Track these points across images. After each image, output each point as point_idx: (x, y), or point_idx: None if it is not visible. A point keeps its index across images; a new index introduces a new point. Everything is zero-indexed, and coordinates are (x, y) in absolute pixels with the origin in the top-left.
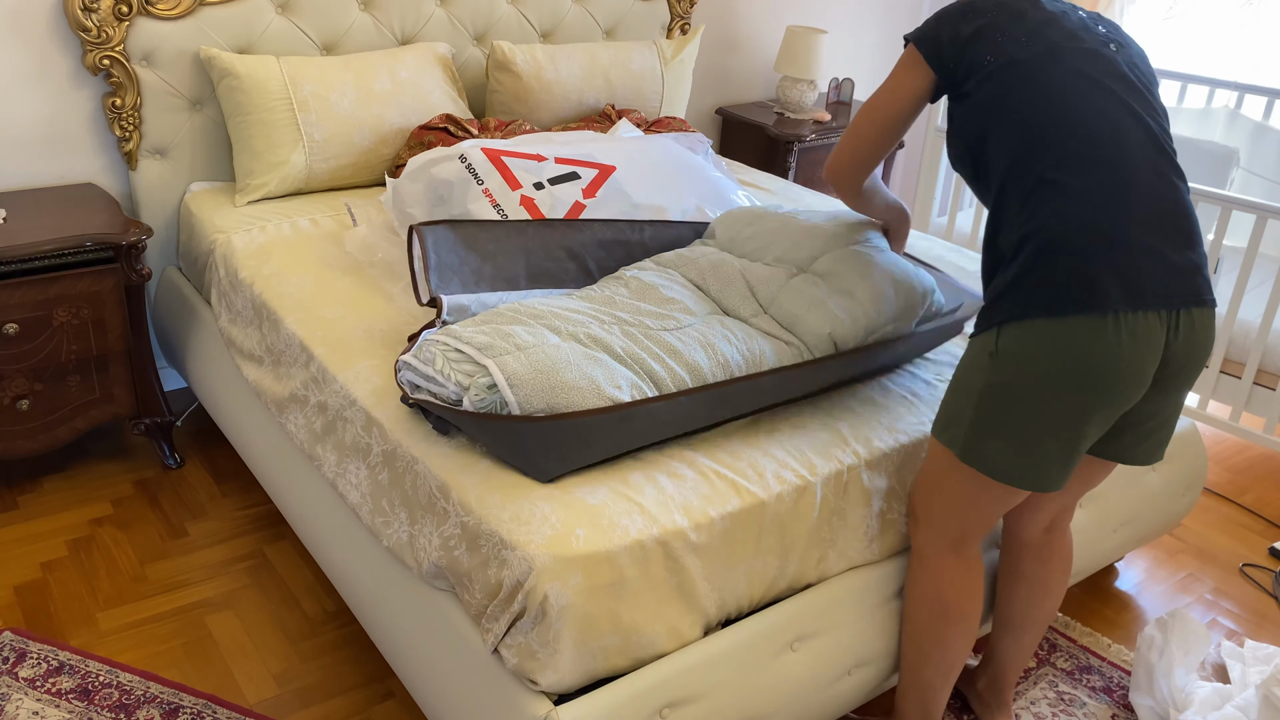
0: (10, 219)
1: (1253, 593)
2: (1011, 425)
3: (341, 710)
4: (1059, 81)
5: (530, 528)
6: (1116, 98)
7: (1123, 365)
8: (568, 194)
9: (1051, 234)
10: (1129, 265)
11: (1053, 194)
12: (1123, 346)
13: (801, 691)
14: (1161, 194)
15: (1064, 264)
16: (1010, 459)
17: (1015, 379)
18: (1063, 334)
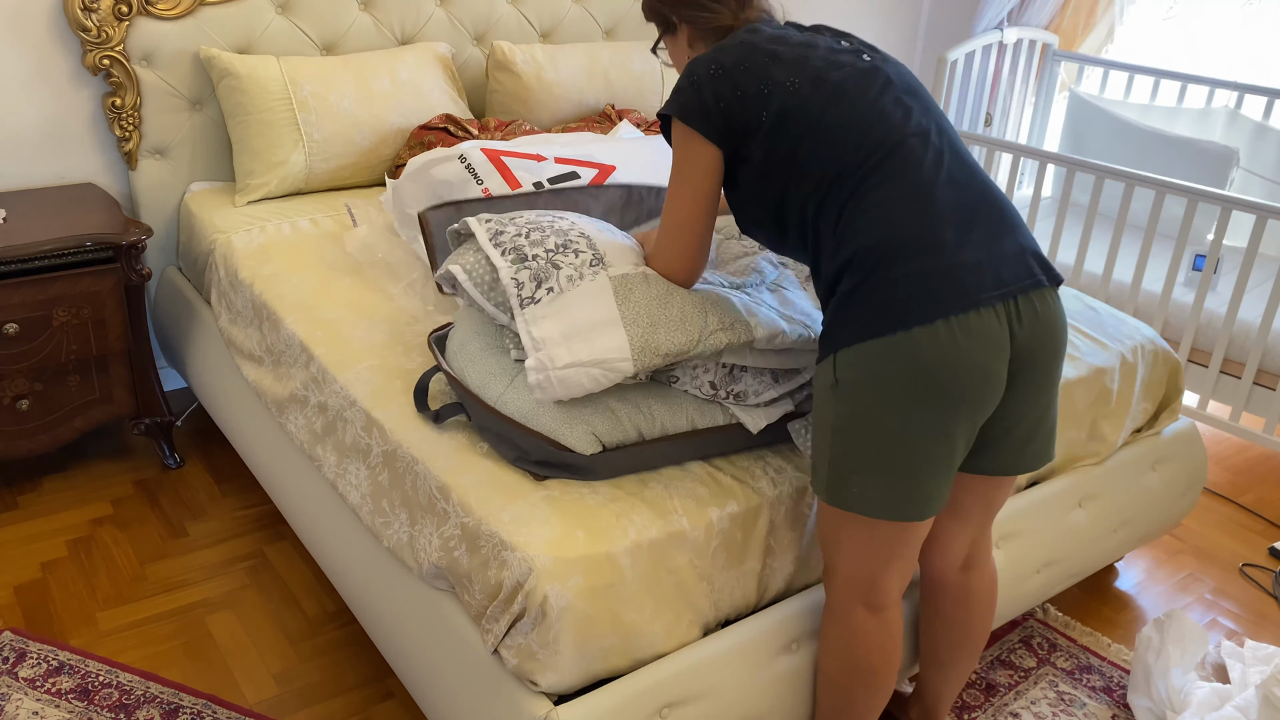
0: (10, 219)
1: (1253, 593)
2: (869, 455)
3: (341, 710)
4: (840, 110)
5: (530, 529)
6: (892, 111)
7: (966, 369)
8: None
9: (864, 254)
10: (948, 267)
11: (856, 217)
12: (961, 350)
13: (800, 692)
14: (961, 188)
15: (882, 280)
16: (878, 492)
17: (860, 406)
18: (897, 349)
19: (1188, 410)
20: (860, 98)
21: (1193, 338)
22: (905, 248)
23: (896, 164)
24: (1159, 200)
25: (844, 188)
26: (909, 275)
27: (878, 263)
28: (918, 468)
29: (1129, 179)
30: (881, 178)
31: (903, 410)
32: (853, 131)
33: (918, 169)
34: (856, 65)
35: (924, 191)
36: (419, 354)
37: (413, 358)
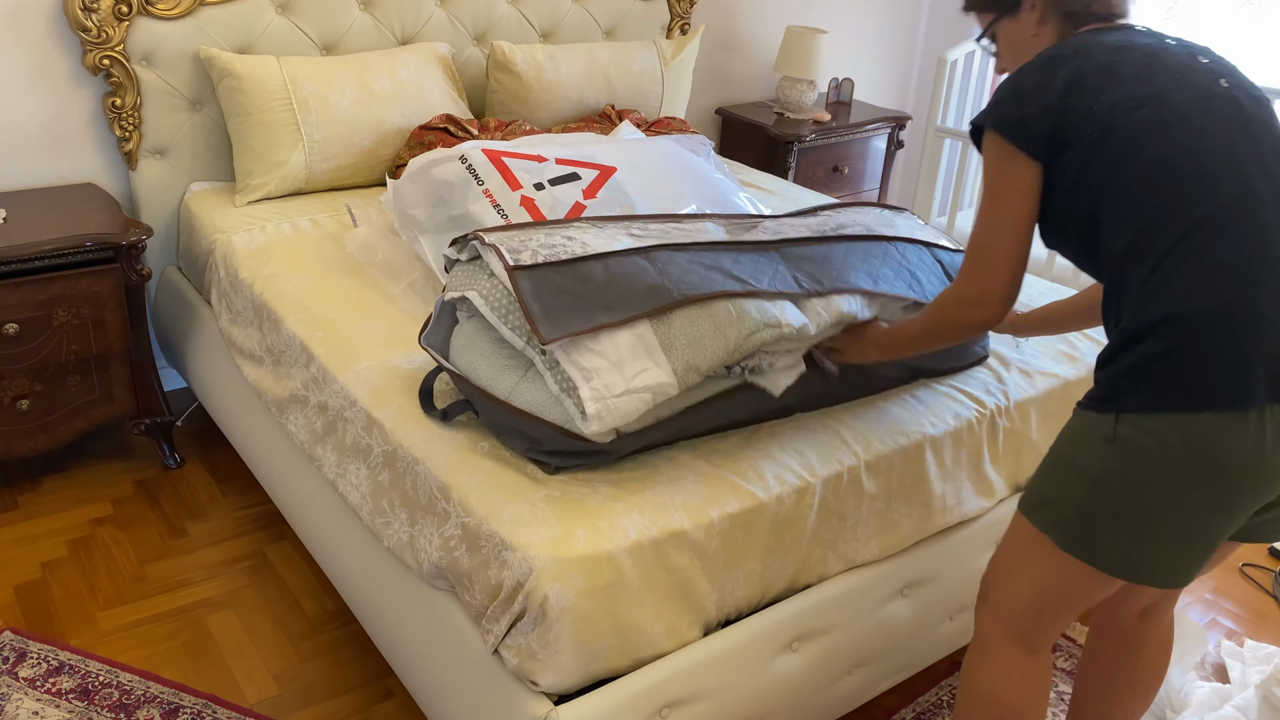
0: (10, 219)
1: (1253, 593)
2: (1132, 519)
3: (341, 710)
4: (1174, 141)
5: (530, 529)
6: (1239, 150)
7: (1264, 465)
8: (568, 195)
9: (1184, 316)
10: (1271, 351)
11: (1183, 271)
12: (1265, 445)
13: (801, 691)
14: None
15: (1199, 351)
16: (1129, 553)
17: (1137, 471)
18: (1196, 430)
19: None
20: (1206, 131)
21: None
22: (1231, 322)
23: (1235, 217)
24: None
25: (1165, 234)
26: (1227, 353)
27: (1197, 331)
28: (1178, 544)
29: None
30: (1214, 229)
31: (1183, 491)
32: (1189, 166)
33: (1261, 231)
34: (1210, 89)
35: (1264, 260)
36: (419, 354)
37: (413, 358)
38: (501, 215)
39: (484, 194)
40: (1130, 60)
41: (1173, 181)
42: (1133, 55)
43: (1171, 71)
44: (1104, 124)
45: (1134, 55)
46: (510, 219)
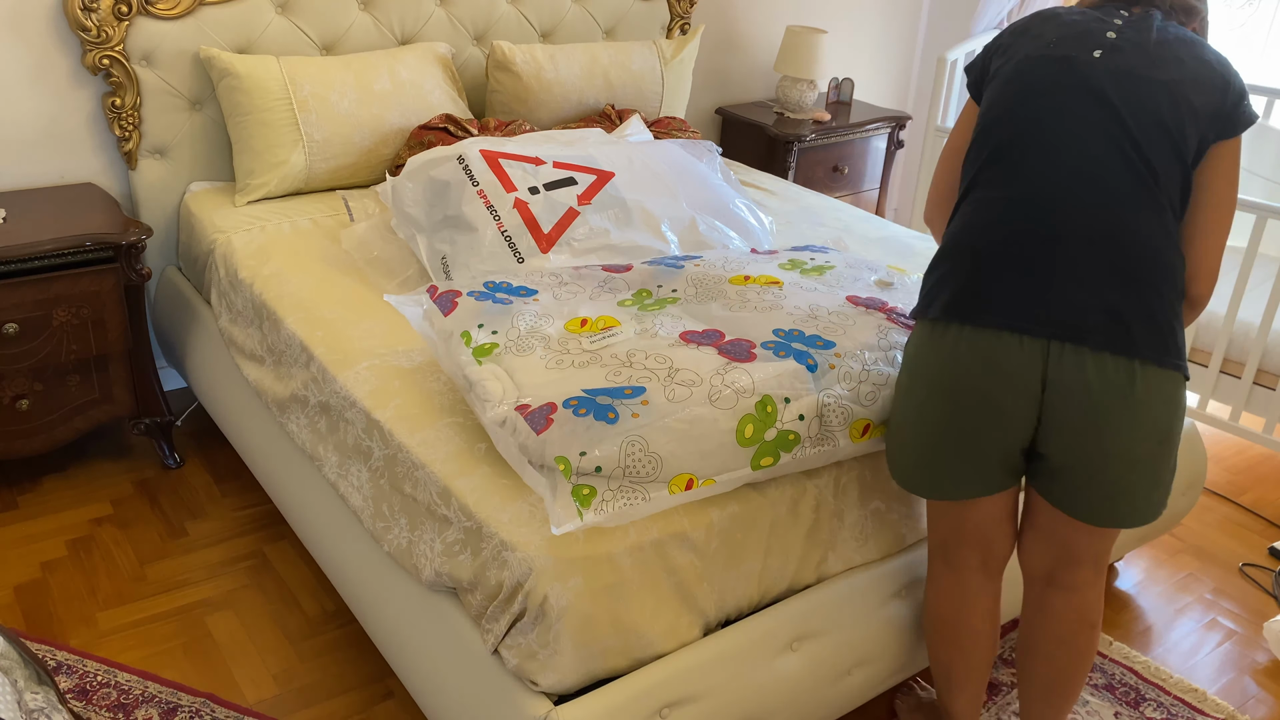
0: (10, 219)
1: (1253, 593)
2: (892, 425)
3: (341, 710)
4: (1005, 94)
5: (530, 529)
6: (1058, 108)
7: (959, 377)
8: (563, 199)
9: (944, 242)
10: (994, 281)
11: (963, 203)
12: (957, 357)
13: (801, 691)
14: (1082, 215)
15: (933, 271)
16: (892, 457)
17: (899, 377)
18: (916, 337)
19: (1188, 410)
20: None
21: (1193, 338)
22: (967, 247)
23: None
24: None
25: (971, 168)
26: (952, 274)
27: (944, 255)
28: (925, 449)
29: None
30: (1001, 172)
31: (909, 393)
32: (1002, 115)
33: (1042, 177)
34: (1074, 55)
35: (1029, 200)
36: (418, 354)
37: (411, 357)
38: (494, 217)
39: (478, 195)
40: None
41: (988, 126)
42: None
43: (1062, 37)
44: (987, 76)
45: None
46: (503, 221)
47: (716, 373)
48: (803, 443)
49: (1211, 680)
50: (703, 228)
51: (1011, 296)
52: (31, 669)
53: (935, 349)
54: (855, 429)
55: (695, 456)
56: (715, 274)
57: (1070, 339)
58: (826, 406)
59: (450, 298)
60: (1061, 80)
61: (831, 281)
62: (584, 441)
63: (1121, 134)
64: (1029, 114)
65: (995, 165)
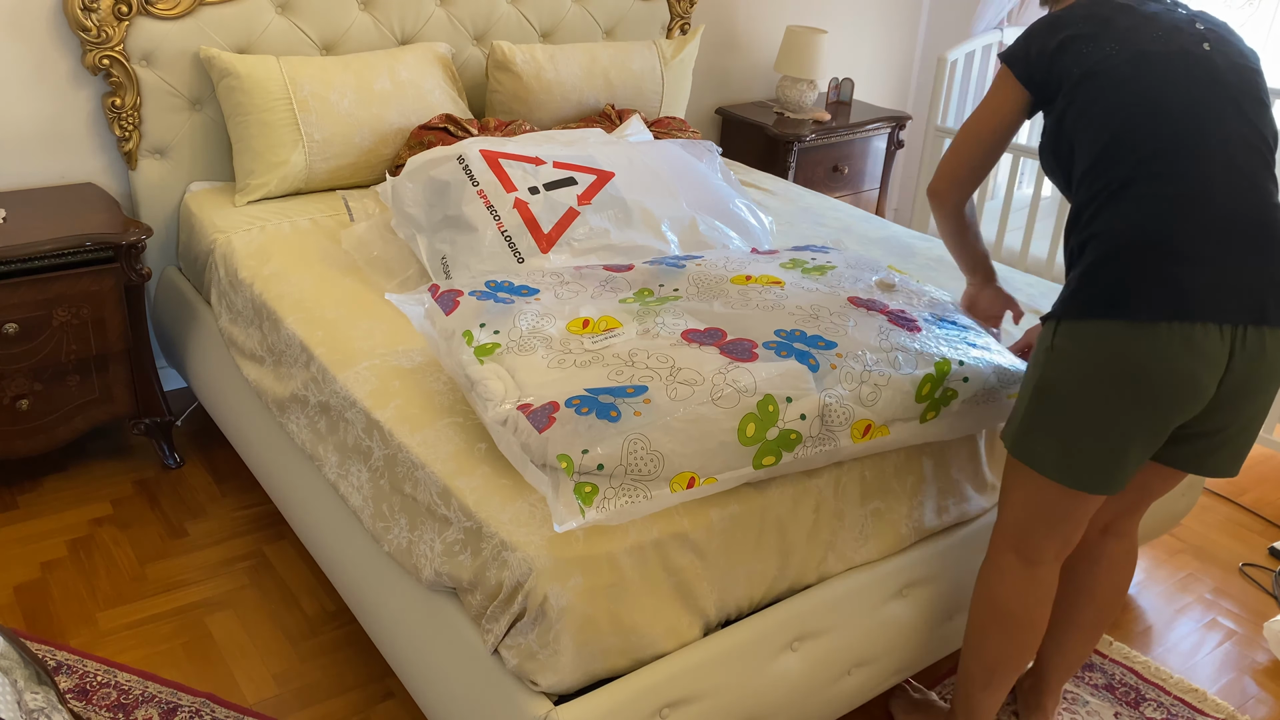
0: (10, 219)
1: (1253, 593)
2: (1057, 422)
3: (341, 710)
4: (1139, 89)
5: (530, 529)
6: (1199, 103)
7: (1168, 374)
8: (563, 199)
9: (1112, 238)
10: (1182, 275)
11: (1122, 198)
12: (1169, 355)
13: (801, 691)
14: (1239, 204)
15: (1119, 268)
16: (1056, 456)
17: (1064, 376)
18: (1110, 335)
19: None
20: (1174, 80)
21: None
22: (1152, 246)
23: (1182, 161)
24: None
25: (1115, 165)
26: (1148, 271)
27: (1120, 251)
28: (1094, 447)
29: None
30: (1161, 169)
31: (1098, 393)
32: (1148, 115)
33: (1200, 175)
34: (1189, 49)
35: (1194, 198)
36: (418, 354)
37: (411, 357)
38: (494, 217)
39: (478, 194)
40: (1127, 18)
41: (1129, 120)
42: (1129, 15)
43: (1159, 31)
44: (1088, 67)
45: (1130, 16)
46: (503, 221)
47: (718, 372)
48: (804, 442)
49: (1211, 680)
50: (703, 228)
51: (1209, 290)
52: (31, 669)
53: (1134, 342)
54: (856, 429)
55: (697, 455)
56: (717, 273)
57: (1255, 321)
58: (828, 406)
59: (452, 297)
60: (1195, 74)
61: (833, 281)
62: (586, 440)
63: (1250, 124)
64: (1177, 111)
65: (1155, 163)
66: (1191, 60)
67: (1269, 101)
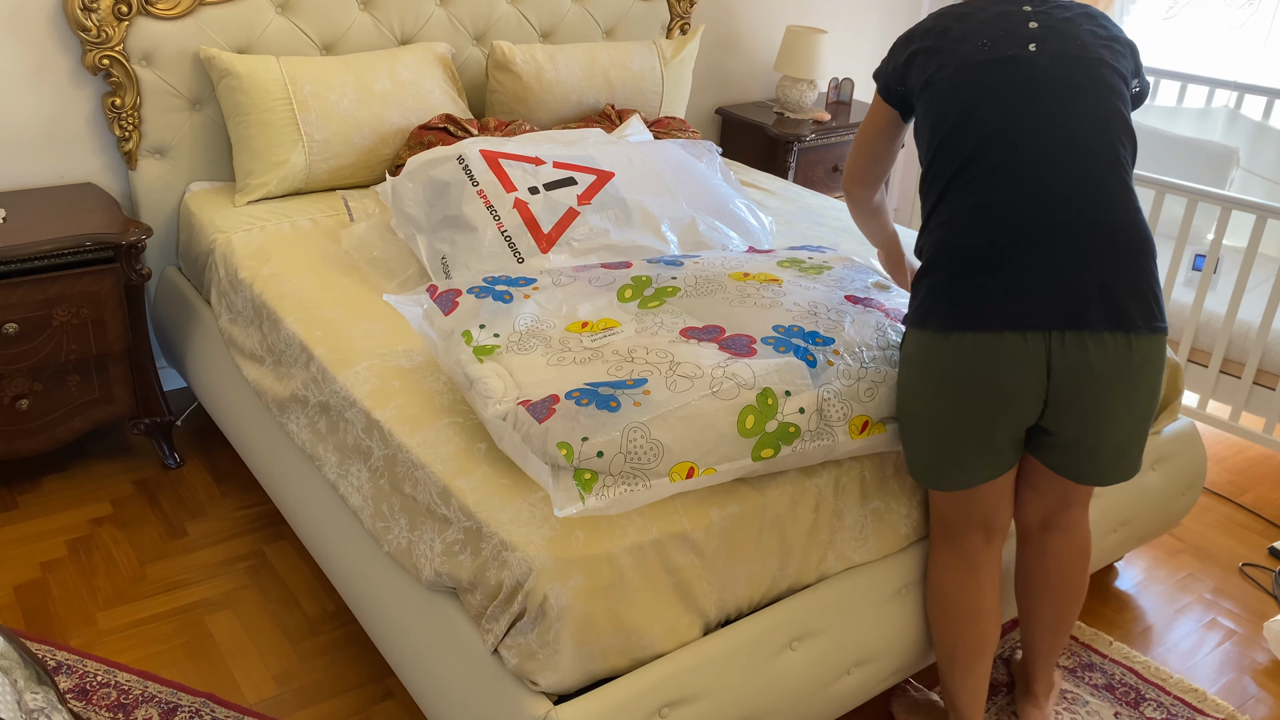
0: (10, 219)
1: (1253, 593)
2: (903, 424)
3: (341, 710)
4: (959, 101)
5: (530, 529)
6: (1016, 108)
7: (970, 382)
8: (563, 199)
9: (928, 251)
10: (983, 287)
11: (937, 211)
12: (969, 364)
13: (801, 691)
14: (1058, 210)
15: (929, 281)
16: (914, 458)
17: (904, 381)
18: (922, 346)
19: (1187, 410)
20: (990, 89)
21: (1193, 338)
22: (957, 256)
23: (994, 171)
24: (1159, 200)
25: (936, 181)
26: (950, 284)
27: (941, 262)
28: (932, 449)
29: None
30: (973, 179)
31: (924, 400)
32: (963, 123)
33: (1014, 181)
34: (1013, 55)
35: (1005, 205)
36: (418, 354)
37: (411, 357)
38: (494, 217)
39: (478, 194)
40: (962, 27)
41: (949, 133)
42: (967, 24)
43: (987, 39)
44: (924, 80)
45: (968, 24)
46: (503, 221)
47: (717, 366)
48: (803, 436)
49: (1211, 680)
50: (703, 228)
51: (1010, 299)
52: (31, 669)
53: (939, 354)
54: (854, 425)
55: (696, 446)
56: (714, 271)
57: (1071, 326)
58: (826, 401)
59: (450, 297)
60: (1013, 79)
61: (829, 281)
62: (586, 429)
63: (1080, 120)
64: (991, 119)
65: (967, 172)
66: (1012, 66)
67: (1117, 87)
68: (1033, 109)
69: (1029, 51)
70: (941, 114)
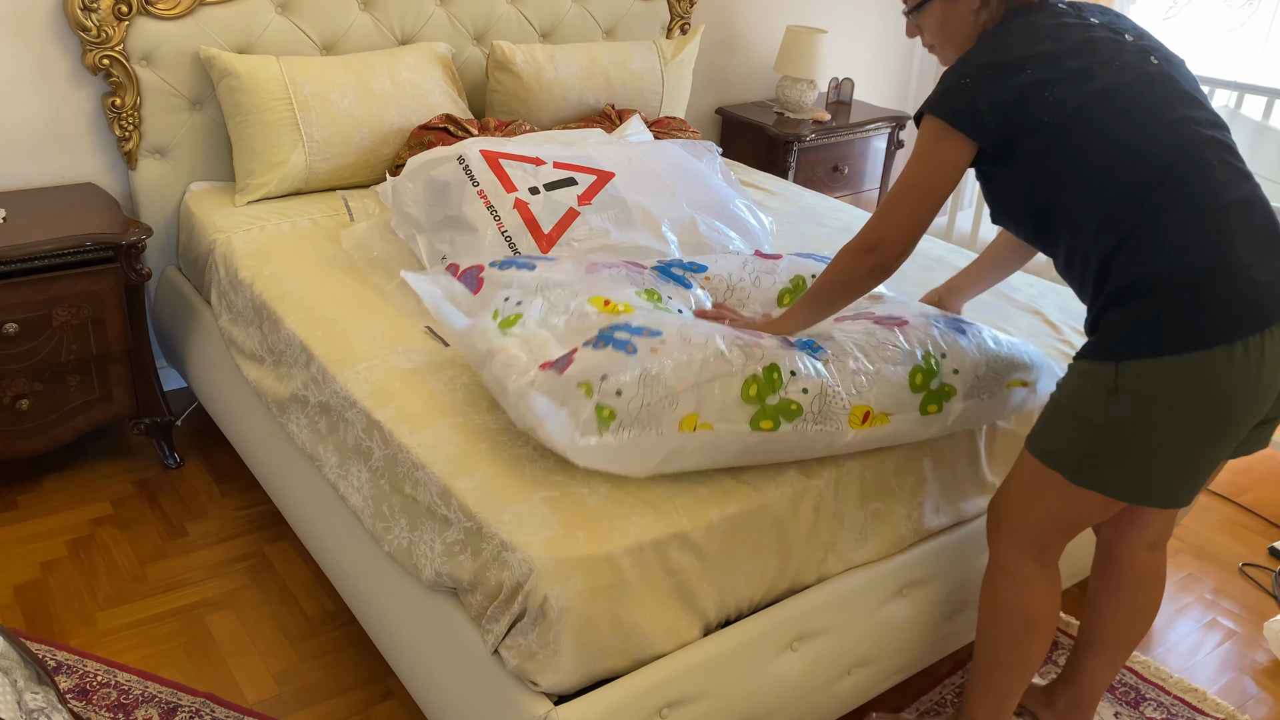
0: (10, 219)
1: (1253, 593)
2: (1138, 457)
3: (341, 710)
4: (1127, 128)
5: (530, 530)
6: (1181, 122)
7: (1255, 389)
8: (563, 199)
9: (1163, 273)
10: (1242, 289)
11: (1154, 236)
12: (1251, 371)
13: (801, 691)
14: (1248, 202)
15: (1178, 300)
16: (1136, 482)
17: (1137, 417)
18: (1186, 368)
19: None
20: (1152, 109)
21: None
22: (1201, 270)
23: (1191, 182)
24: None
25: (1135, 207)
26: (1206, 298)
27: (1173, 284)
28: (1181, 473)
29: None
30: (1176, 197)
31: (1188, 427)
32: (1145, 148)
33: (1210, 185)
34: (1145, 70)
35: (1217, 209)
36: (418, 354)
37: (411, 357)
38: (495, 217)
39: (478, 195)
40: (1069, 50)
41: (1137, 160)
42: (1070, 44)
43: (1109, 58)
44: (1059, 115)
45: (1071, 44)
46: (503, 221)
47: (728, 337)
48: (804, 416)
49: (1211, 680)
50: (703, 228)
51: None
52: (31, 669)
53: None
54: (855, 415)
55: (702, 399)
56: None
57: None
58: (828, 387)
59: (474, 274)
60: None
61: None
62: (605, 368)
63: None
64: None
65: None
66: (1153, 80)
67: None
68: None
69: (1155, 65)
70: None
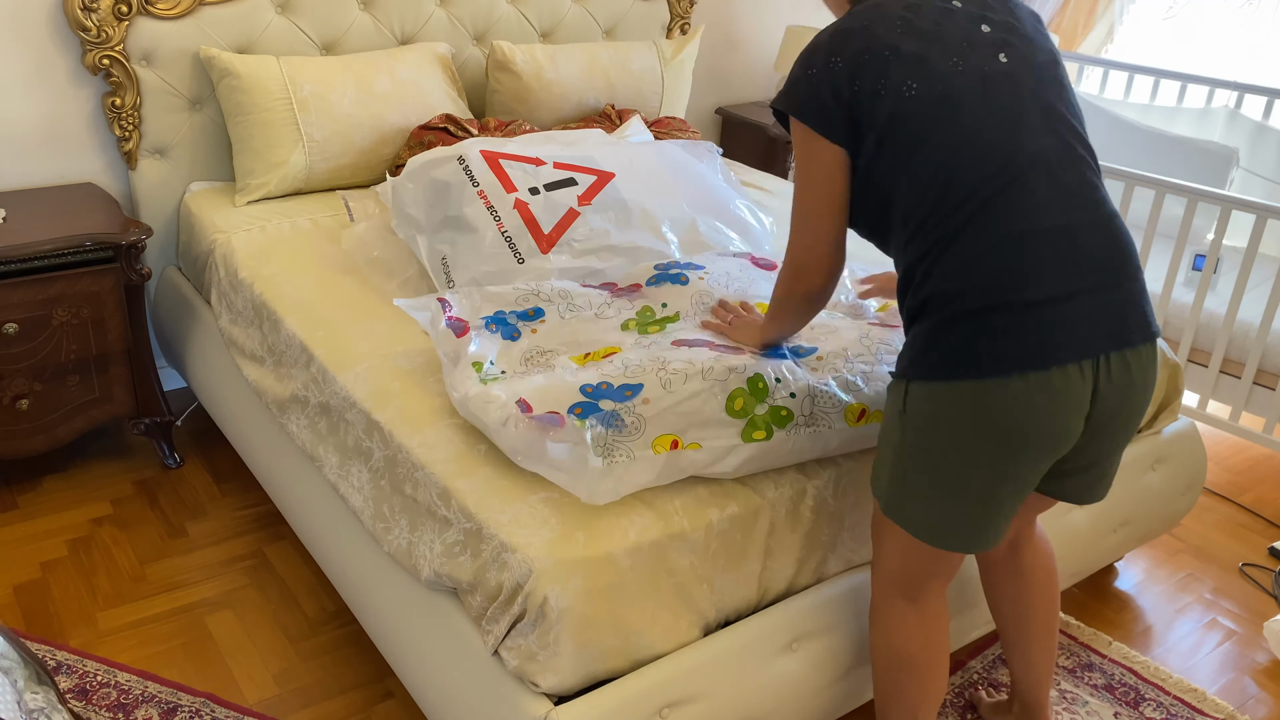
0: (10, 219)
1: (1253, 593)
2: (928, 487)
3: (341, 710)
4: (950, 128)
5: (530, 530)
6: (1013, 136)
7: (1038, 424)
8: (563, 200)
9: (951, 295)
10: (1030, 322)
11: (951, 255)
12: (1033, 407)
13: (800, 692)
14: (1076, 231)
15: (965, 325)
16: (928, 520)
17: (921, 440)
18: (964, 396)
19: (1187, 410)
20: (981, 118)
21: (1193, 338)
22: (993, 297)
23: (1001, 204)
24: (1159, 200)
25: (946, 217)
26: (994, 324)
27: (962, 308)
28: (970, 508)
29: (1129, 178)
30: (982, 219)
31: (966, 455)
32: (961, 161)
33: (1024, 209)
34: (988, 70)
35: (1029, 233)
36: (418, 354)
37: (412, 358)
38: (495, 218)
39: (478, 195)
40: (914, 38)
41: (947, 165)
42: (917, 30)
43: (953, 49)
44: (890, 110)
45: (919, 27)
46: (503, 222)
47: (709, 358)
48: (797, 420)
49: (1211, 680)
50: (703, 228)
51: (1060, 328)
52: (31, 669)
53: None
54: (851, 413)
55: (688, 427)
56: (719, 296)
57: (1116, 346)
58: (817, 389)
59: (461, 324)
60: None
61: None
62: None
63: (1060, 127)
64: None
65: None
66: (992, 83)
67: (1069, 83)
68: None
69: (1002, 63)
70: (932, 145)
